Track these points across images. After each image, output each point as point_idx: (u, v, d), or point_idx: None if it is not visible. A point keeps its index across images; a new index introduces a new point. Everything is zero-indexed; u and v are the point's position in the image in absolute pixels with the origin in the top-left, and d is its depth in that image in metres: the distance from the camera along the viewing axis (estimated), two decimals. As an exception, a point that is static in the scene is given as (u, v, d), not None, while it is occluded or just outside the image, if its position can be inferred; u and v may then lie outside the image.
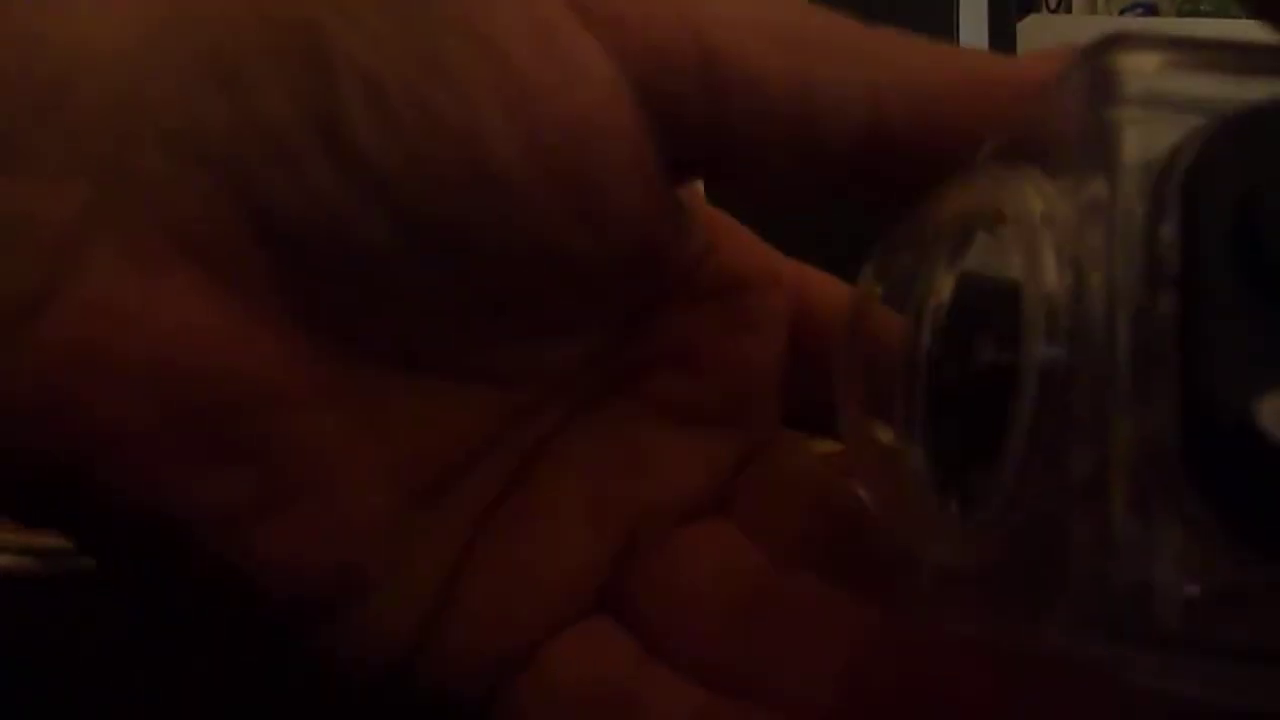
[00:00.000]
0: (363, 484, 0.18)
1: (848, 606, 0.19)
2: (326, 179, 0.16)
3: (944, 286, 0.18)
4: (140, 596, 0.19)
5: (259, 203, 0.16)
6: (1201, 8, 1.39)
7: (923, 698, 0.18)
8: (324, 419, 0.18)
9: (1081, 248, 0.14)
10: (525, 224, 0.17)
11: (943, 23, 0.69)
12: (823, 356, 0.20)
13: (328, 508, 0.18)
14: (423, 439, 0.19)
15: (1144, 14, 1.40)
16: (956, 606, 0.17)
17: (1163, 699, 0.14)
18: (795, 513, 0.22)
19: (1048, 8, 1.33)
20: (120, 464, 0.16)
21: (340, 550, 0.18)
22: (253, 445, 0.17)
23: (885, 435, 0.19)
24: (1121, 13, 1.41)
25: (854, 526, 0.22)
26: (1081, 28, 1.35)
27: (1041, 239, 0.15)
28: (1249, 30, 0.18)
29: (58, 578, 0.38)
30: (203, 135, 0.16)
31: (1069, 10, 1.38)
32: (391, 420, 0.18)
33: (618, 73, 0.17)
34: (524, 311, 0.19)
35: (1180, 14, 1.40)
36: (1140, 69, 0.14)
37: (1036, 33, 0.97)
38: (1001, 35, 0.71)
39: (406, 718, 0.20)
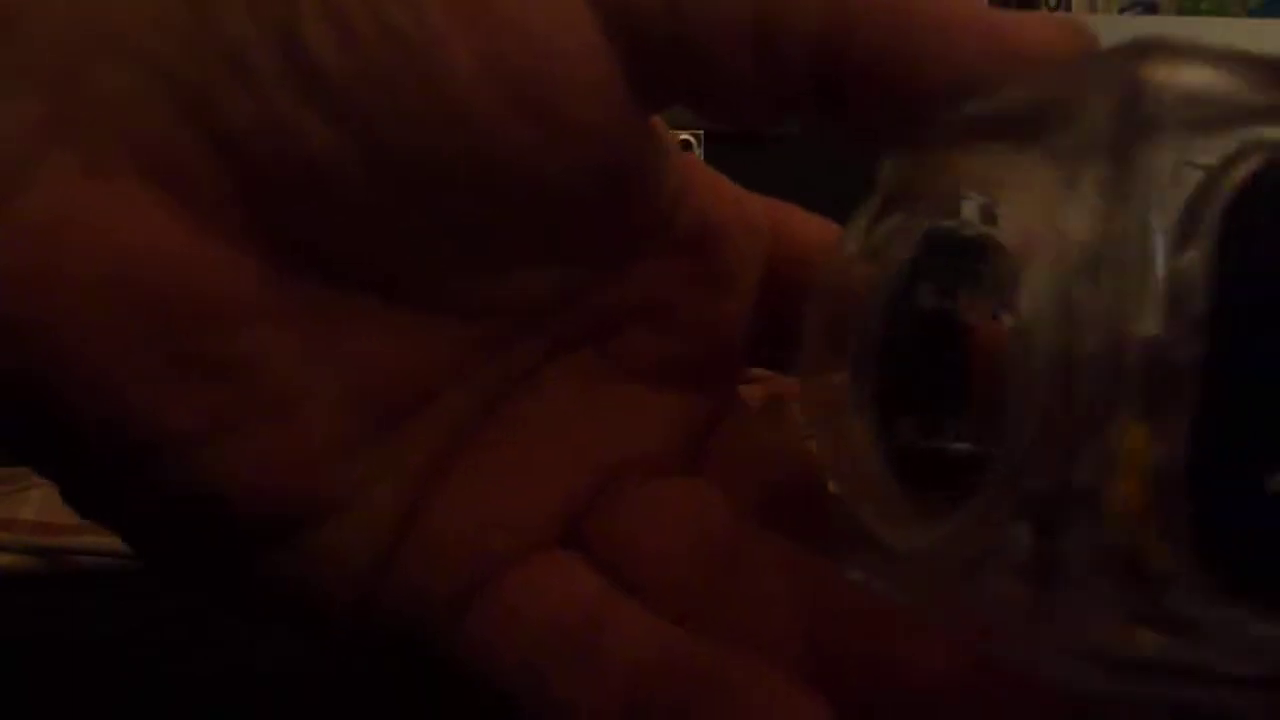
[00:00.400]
0: (326, 405, 0.18)
1: (813, 568, 0.19)
2: (285, 96, 0.16)
3: (909, 241, 0.18)
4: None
5: (218, 119, 0.16)
6: (1201, 6, 1.39)
7: (878, 664, 0.18)
8: (287, 339, 0.17)
9: (1097, 264, 0.14)
10: (484, 142, 0.17)
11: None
12: (798, 296, 0.20)
13: (289, 428, 0.18)
14: (388, 365, 0.19)
15: (1143, 13, 1.40)
16: (902, 581, 0.17)
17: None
18: (764, 479, 0.22)
19: (1047, 6, 1.33)
20: (81, 382, 0.16)
21: (301, 471, 0.18)
22: (214, 363, 0.17)
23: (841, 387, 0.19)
24: (1121, 11, 1.41)
25: (818, 495, 0.22)
26: (1081, 26, 1.34)
27: (1046, 253, 0.14)
28: (1248, 29, 0.18)
29: (58, 576, 0.38)
30: (162, 50, 0.16)
31: (1069, 9, 1.38)
32: (356, 344, 0.18)
33: None
34: (491, 239, 0.18)
35: (1181, 12, 1.40)
36: (1174, 85, 0.14)
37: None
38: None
39: (374, 655, 0.21)
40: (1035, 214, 0.15)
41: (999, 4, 0.71)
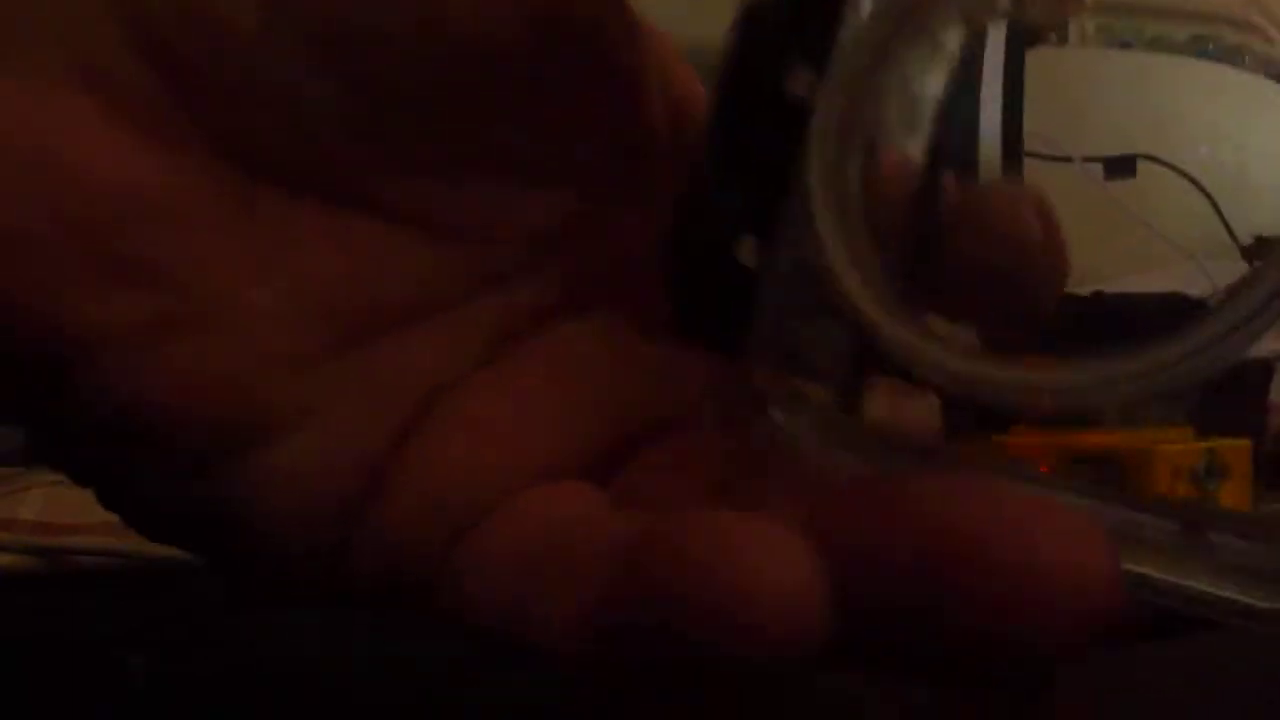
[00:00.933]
0: (273, 316, 0.17)
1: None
2: None
3: None
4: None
5: (148, 19, 0.16)
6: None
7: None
8: (228, 244, 0.17)
9: None
10: (427, 6, 0.16)
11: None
12: None
13: (228, 336, 0.17)
14: (351, 280, 0.18)
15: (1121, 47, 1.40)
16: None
17: None
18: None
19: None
20: (9, 271, 0.16)
21: (243, 382, 0.17)
22: (148, 264, 0.16)
23: None
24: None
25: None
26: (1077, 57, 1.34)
27: None
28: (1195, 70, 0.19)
29: (58, 576, 0.38)
30: None
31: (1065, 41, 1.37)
32: (314, 257, 0.18)
33: None
34: (452, 132, 0.17)
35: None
36: None
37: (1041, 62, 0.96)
38: (1014, 64, 0.71)
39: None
40: None
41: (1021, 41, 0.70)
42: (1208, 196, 0.17)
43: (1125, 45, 0.18)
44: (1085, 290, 0.17)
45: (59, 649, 0.30)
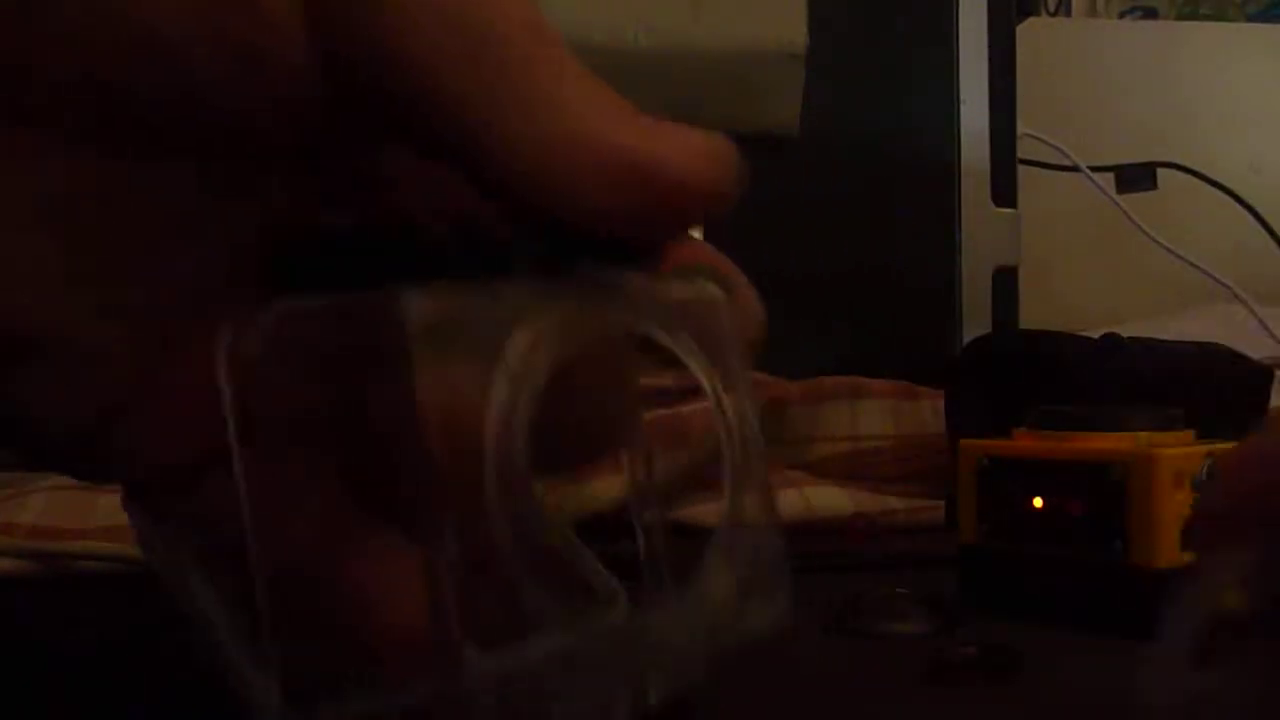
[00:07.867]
0: (26, 243, 0.19)
1: None
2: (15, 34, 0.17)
3: None
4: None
5: None
6: (1201, 11, 1.39)
7: None
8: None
9: None
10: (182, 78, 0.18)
11: (943, 25, 0.69)
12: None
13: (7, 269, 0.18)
14: (96, 208, 0.19)
15: (1143, 17, 1.40)
16: None
17: None
18: None
19: (1047, 11, 1.33)
20: None
21: (16, 305, 0.19)
22: None
23: None
24: (1121, 15, 1.41)
25: None
26: (1081, 31, 1.35)
27: None
28: (1247, 33, 0.18)
29: (57, 580, 0.38)
30: None
31: (1068, 13, 1.38)
32: (57, 183, 0.19)
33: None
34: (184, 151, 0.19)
35: (1180, 17, 1.40)
36: None
37: (1036, 36, 0.97)
38: (1001, 38, 0.71)
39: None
40: None
41: (1000, 12, 0.70)
42: (1249, 209, 0.17)
43: (1147, 13, 0.18)
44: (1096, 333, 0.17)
45: (58, 653, 0.30)
